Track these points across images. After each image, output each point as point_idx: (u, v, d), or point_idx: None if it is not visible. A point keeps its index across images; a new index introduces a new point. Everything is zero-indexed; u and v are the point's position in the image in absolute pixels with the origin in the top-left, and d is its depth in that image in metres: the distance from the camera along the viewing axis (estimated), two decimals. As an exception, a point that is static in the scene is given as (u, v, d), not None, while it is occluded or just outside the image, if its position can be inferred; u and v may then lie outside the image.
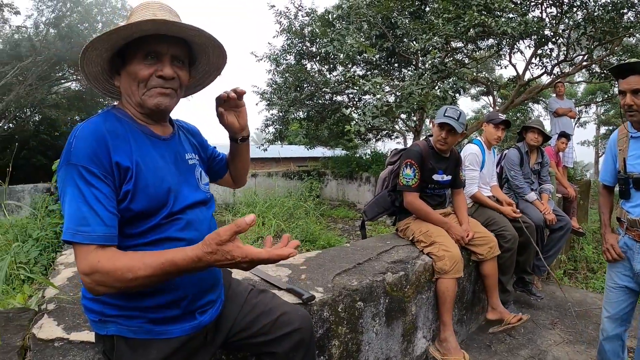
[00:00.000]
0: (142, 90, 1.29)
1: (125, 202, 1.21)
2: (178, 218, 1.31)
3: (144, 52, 1.27)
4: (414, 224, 3.12)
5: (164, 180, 1.30)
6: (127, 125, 1.31)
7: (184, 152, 1.46)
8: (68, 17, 15.20)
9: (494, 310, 3.27)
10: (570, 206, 5.95)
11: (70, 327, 1.60)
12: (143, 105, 1.31)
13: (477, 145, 3.81)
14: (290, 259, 2.56)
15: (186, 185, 1.39)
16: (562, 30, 8.93)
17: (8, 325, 1.64)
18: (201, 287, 1.38)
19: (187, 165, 1.45)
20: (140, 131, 1.33)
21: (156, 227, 1.27)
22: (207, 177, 1.56)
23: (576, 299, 4.21)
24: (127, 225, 1.24)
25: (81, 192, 1.14)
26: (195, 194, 1.41)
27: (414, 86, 7.55)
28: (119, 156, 1.21)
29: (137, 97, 1.30)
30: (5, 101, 14.41)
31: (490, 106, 19.24)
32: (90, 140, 1.18)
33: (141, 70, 1.27)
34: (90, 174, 1.15)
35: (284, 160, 18.68)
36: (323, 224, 8.18)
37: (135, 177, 1.23)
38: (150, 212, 1.26)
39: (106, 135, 1.21)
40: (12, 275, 3.89)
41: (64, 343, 1.49)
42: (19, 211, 7.70)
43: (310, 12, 11.21)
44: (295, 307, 1.65)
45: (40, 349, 1.45)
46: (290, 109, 11.44)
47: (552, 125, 7.84)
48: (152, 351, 1.27)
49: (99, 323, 1.29)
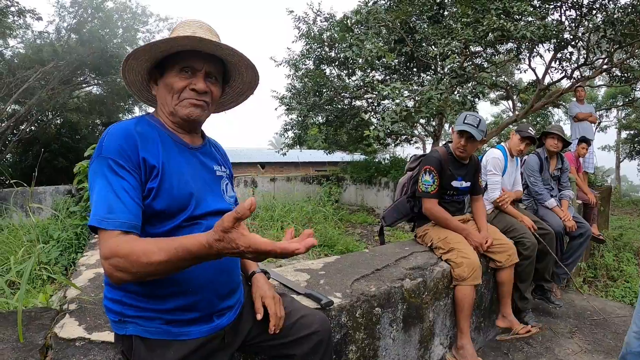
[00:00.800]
0: (176, 100, 1.37)
1: (148, 199, 1.26)
2: (198, 222, 1.34)
3: (180, 66, 1.36)
4: (432, 231, 3.11)
5: (187, 184, 1.34)
6: (158, 131, 1.37)
7: (211, 163, 1.51)
8: (89, 22, 15.45)
9: (504, 318, 3.26)
10: (590, 213, 5.86)
11: (91, 327, 1.63)
12: (175, 114, 1.38)
13: (501, 150, 3.78)
14: (309, 264, 2.59)
15: (210, 194, 1.43)
16: (581, 34, 8.79)
17: (30, 324, 1.66)
18: (220, 292, 1.40)
19: (213, 175, 1.49)
20: (169, 137, 1.39)
21: (177, 230, 1.30)
22: (234, 192, 1.60)
23: (595, 307, 4.14)
24: (148, 225, 1.27)
25: (109, 182, 1.19)
26: (219, 203, 1.44)
27: (433, 91, 7.51)
28: (147, 154, 1.27)
29: (170, 106, 1.38)
30: (27, 104, 14.71)
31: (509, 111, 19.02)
32: (120, 137, 1.25)
33: (176, 82, 1.36)
34: (119, 166, 1.21)
35: (303, 165, 18.74)
36: (341, 229, 8.15)
37: (160, 177, 1.28)
38: (171, 212, 1.29)
39: (136, 135, 1.28)
40: (34, 275, 3.97)
41: (85, 343, 1.51)
42: (41, 212, 7.84)
43: (328, 17, 11.22)
44: (314, 311, 1.67)
45: (61, 348, 1.47)
46: (310, 113, 11.45)
47: (572, 130, 7.74)
48: (170, 352, 1.29)
49: (118, 323, 1.32)
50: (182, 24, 1.43)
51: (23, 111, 14.94)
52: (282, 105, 12.30)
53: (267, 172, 23.76)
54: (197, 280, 1.33)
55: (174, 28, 1.44)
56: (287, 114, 12.51)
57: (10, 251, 4.48)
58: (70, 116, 16.98)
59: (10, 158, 16.86)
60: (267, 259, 1.15)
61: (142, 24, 17.26)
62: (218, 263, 1.38)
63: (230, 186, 1.57)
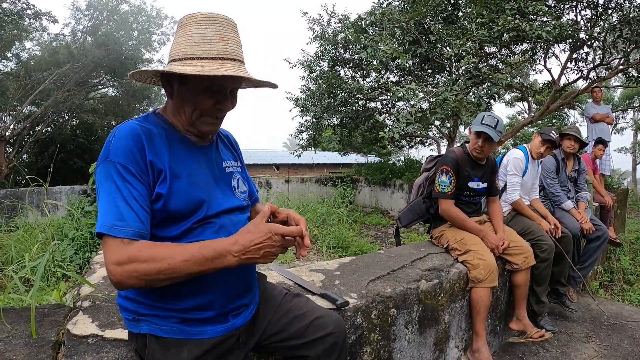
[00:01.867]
0: (197, 116, 1.32)
1: (158, 203, 1.24)
2: (211, 222, 1.33)
3: (207, 85, 1.28)
4: (448, 232, 3.07)
5: (197, 187, 1.32)
6: (166, 131, 1.34)
7: (221, 160, 1.49)
8: (104, 25, 15.70)
9: (518, 321, 3.21)
10: (607, 215, 5.77)
11: (104, 324, 1.63)
12: (194, 126, 1.35)
13: (522, 151, 3.73)
14: (325, 264, 2.57)
15: (221, 193, 1.41)
16: (597, 33, 8.67)
17: (43, 321, 1.66)
18: (235, 292, 1.39)
19: (223, 173, 1.47)
20: (177, 138, 1.36)
21: (189, 231, 1.29)
22: (246, 186, 1.57)
23: (612, 311, 4.06)
24: (160, 228, 1.27)
25: (118, 188, 1.17)
26: (230, 201, 1.42)
27: (448, 92, 7.46)
28: (154, 157, 1.24)
29: (189, 119, 1.34)
30: (44, 106, 14.95)
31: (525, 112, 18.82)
32: (128, 139, 1.22)
33: (204, 102, 1.30)
34: (127, 171, 1.19)
35: (318, 167, 18.78)
36: (356, 231, 8.13)
37: (169, 181, 1.25)
38: (183, 215, 1.28)
39: (143, 137, 1.24)
40: (48, 273, 4.01)
41: (98, 340, 1.51)
42: (56, 211, 7.94)
43: (343, 18, 11.24)
44: (329, 312, 1.64)
45: (74, 345, 1.47)
46: (324, 115, 11.48)
47: (588, 132, 7.64)
48: (184, 351, 1.28)
49: (132, 321, 1.32)
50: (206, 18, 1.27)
51: (39, 112, 15.19)
52: (296, 106, 12.36)
53: (282, 173, 23.87)
54: (213, 279, 1.32)
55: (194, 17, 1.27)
56: (301, 115, 12.57)
57: (25, 249, 4.53)
58: (85, 117, 17.24)
59: (27, 158, 17.15)
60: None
61: (157, 27, 17.47)
62: None
63: (241, 181, 1.54)
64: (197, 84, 1.27)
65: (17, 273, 2.57)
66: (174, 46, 1.29)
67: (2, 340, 1.50)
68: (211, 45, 1.25)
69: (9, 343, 1.48)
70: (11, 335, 1.53)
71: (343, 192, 12.16)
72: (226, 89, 1.32)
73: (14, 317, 1.68)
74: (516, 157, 3.64)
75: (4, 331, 1.56)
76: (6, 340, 1.50)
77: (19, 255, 4.47)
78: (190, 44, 1.25)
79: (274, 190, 11.46)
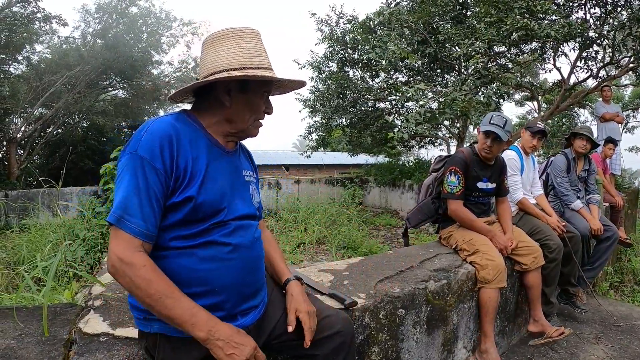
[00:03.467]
0: (252, 121, 1.44)
1: (187, 203, 1.27)
2: (228, 224, 1.36)
3: (262, 90, 1.43)
4: (457, 232, 3.06)
5: (221, 190, 1.35)
6: (197, 132, 1.37)
7: (242, 168, 1.53)
8: (114, 28, 15.81)
9: (535, 322, 3.16)
10: (617, 216, 5.71)
11: (115, 323, 1.64)
12: (246, 132, 1.46)
13: (514, 151, 3.72)
14: (333, 265, 2.58)
15: (240, 199, 1.44)
16: (606, 32, 8.60)
17: (55, 319, 1.69)
18: (245, 293, 1.40)
19: (243, 180, 1.51)
20: (207, 140, 1.39)
21: (205, 232, 1.31)
22: (259, 196, 1.63)
23: (621, 313, 4.03)
24: (179, 227, 1.29)
25: (137, 184, 1.20)
26: (247, 208, 1.46)
27: (457, 92, 7.44)
28: (182, 159, 1.28)
29: (245, 124, 1.44)
30: (54, 108, 15.10)
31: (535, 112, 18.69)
32: (158, 137, 1.25)
33: (260, 106, 1.44)
34: (151, 168, 1.21)
35: (327, 167, 18.79)
36: (365, 231, 8.12)
37: (198, 181, 1.29)
38: (205, 216, 1.31)
39: (174, 137, 1.27)
40: (60, 273, 4.05)
41: (109, 338, 1.53)
42: (67, 212, 8.01)
43: (351, 19, 11.24)
44: (337, 311, 1.66)
45: (85, 343, 1.49)
46: (333, 116, 11.51)
47: (598, 131, 7.56)
48: (193, 350, 1.30)
49: (143, 321, 1.34)
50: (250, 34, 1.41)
51: (50, 114, 15.34)
52: (305, 107, 12.37)
53: (291, 174, 23.90)
54: (222, 280, 1.33)
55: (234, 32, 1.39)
56: (310, 116, 12.59)
57: (37, 249, 4.58)
58: (96, 119, 17.37)
59: (38, 160, 17.32)
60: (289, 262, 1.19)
61: (166, 29, 17.56)
62: (244, 263, 1.39)
63: (257, 191, 1.60)
64: (258, 90, 1.41)
65: (29, 273, 2.61)
66: (226, 56, 1.35)
67: (15, 338, 1.52)
68: (262, 58, 1.39)
69: (21, 341, 1.50)
70: (23, 334, 1.56)
71: (352, 192, 12.13)
72: (269, 94, 1.47)
73: (26, 316, 1.71)
74: (510, 158, 3.61)
75: (17, 329, 1.59)
76: (19, 338, 1.52)
77: (30, 256, 4.52)
78: (248, 56, 1.36)
79: (284, 191, 11.47)
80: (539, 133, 3.67)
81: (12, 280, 3.82)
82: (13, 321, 1.64)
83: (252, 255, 1.44)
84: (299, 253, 6.14)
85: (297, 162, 25.14)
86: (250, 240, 1.43)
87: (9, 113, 14.15)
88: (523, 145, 3.76)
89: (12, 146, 14.41)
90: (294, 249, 6.33)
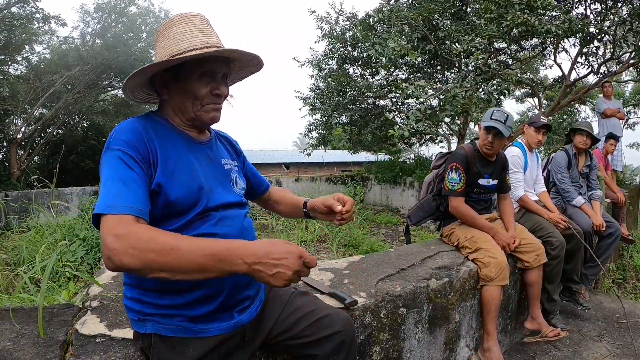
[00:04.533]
0: (197, 107, 1.36)
1: (159, 195, 1.25)
2: (210, 215, 1.34)
3: (200, 72, 1.33)
4: (459, 230, 3.04)
5: (196, 178, 1.33)
6: (164, 127, 1.37)
7: (219, 157, 1.51)
8: (113, 27, 15.80)
9: (533, 320, 3.16)
10: (619, 212, 5.68)
11: (112, 324, 1.63)
12: (197, 119, 1.39)
13: (519, 147, 3.70)
14: (334, 263, 2.56)
15: (220, 187, 1.42)
16: (607, 27, 8.57)
17: (52, 321, 1.68)
18: (237, 281, 1.37)
19: (222, 169, 1.49)
20: (177, 133, 1.39)
21: (189, 224, 1.30)
22: (244, 183, 1.60)
23: (625, 310, 4.01)
24: (161, 223, 1.26)
25: (117, 172, 1.18)
26: (229, 196, 1.44)
27: (458, 89, 7.41)
28: (154, 149, 1.27)
29: (190, 112, 1.37)
30: (54, 108, 15.09)
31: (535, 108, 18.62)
32: (128, 132, 1.25)
33: (199, 89, 1.34)
34: (128, 156, 1.20)
35: (328, 165, 18.79)
36: (366, 229, 8.11)
37: (169, 170, 1.28)
38: (184, 207, 1.29)
39: (143, 131, 1.28)
40: (59, 273, 4.04)
41: (106, 339, 1.52)
42: (67, 212, 8.01)
43: (351, 16, 11.21)
44: (337, 311, 1.64)
45: (82, 344, 1.48)
46: (333, 113, 11.50)
47: (599, 127, 7.53)
48: (189, 350, 1.29)
49: (138, 322, 1.32)
50: (182, 18, 1.36)
51: (50, 115, 15.33)
52: (305, 105, 12.38)
53: (292, 172, 23.94)
54: None
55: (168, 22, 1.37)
56: (310, 114, 12.60)
57: (36, 250, 4.57)
58: (96, 119, 17.37)
59: (38, 160, 17.32)
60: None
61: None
62: None
63: (239, 178, 1.55)
64: (192, 74, 1.32)
65: (27, 273, 2.59)
66: (159, 50, 1.35)
67: (11, 339, 1.50)
68: (193, 38, 1.31)
69: (17, 343, 1.48)
70: (20, 335, 1.54)
71: (353, 190, 12.12)
72: (217, 73, 1.36)
73: (23, 317, 1.69)
74: (514, 155, 3.59)
75: (13, 331, 1.57)
76: (15, 339, 1.50)
77: (30, 256, 4.52)
78: (175, 42, 1.31)
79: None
80: (544, 127, 3.65)
81: (11, 281, 3.81)
82: (9, 322, 1.63)
83: None
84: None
85: (298, 160, 25.16)
86: (239, 229, 1.41)
87: (9, 114, 14.15)
88: (527, 141, 3.74)
89: (12, 147, 14.41)
90: (297, 245, 6.31)
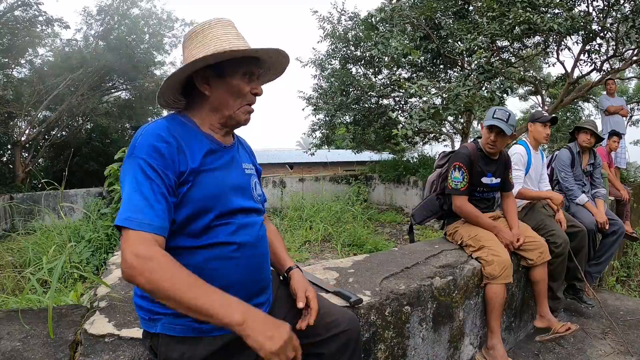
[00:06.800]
0: (238, 105, 1.41)
1: (184, 198, 1.28)
2: (229, 222, 1.35)
3: (243, 71, 1.39)
4: (462, 228, 3.05)
5: (219, 182, 1.36)
6: (190, 130, 1.38)
7: (241, 161, 1.53)
8: (116, 29, 15.83)
9: (542, 317, 3.15)
10: (623, 209, 5.67)
11: (120, 323, 1.65)
12: (234, 118, 1.42)
13: (523, 145, 3.69)
14: (338, 262, 2.57)
15: (240, 192, 1.44)
16: (610, 24, 8.52)
17: (61, 321, 1.69)
18: (251, 290, 1.40)
19: (243, 173, 1.51)
20: (202, 136, 1.40)
21: (209, 230, 1.31)
22: (261, 189, 1.61)
23: (628, 307, 4.00)
24: (183, 227, 1.30)
25: (139, 183, 1.21)
26: (247, 201, 1.46)
27: (461, 87, 7.39)
28: (179, 156, 1.28)
29: (230, 110, 1.41)
30: (58, 110, 15.14)
31: (538, 106, 18.55)
32: (153, 137, 1.26)
33: (243, 87, 1.40)
34: (150, 167, 1.22)
35: (331, 165, 18.73)
36: (370, 228, 8.09)
37: (193, 178, 1.30)
38: (204, 208, 1.31)
39: (169, 136, 1.29)
40: (66, 274, 4.06)
41: (115, 339, 1.53)
42: (72, 214, 8.05)
43: (353, 16, 11.19)
44: (343, 309, 1.65)
45: (91, 344, 1.49)
46: (337, 113, 11.48)
47: (603, 124, 7.52)
48: (197, 349, 1.30)
49: (148, 321, 1.34)
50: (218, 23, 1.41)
51: (54, 117, 15.38)
52: (309, 105, 12.37)
53: (296, 172, 23.90)
54: (229, 278, 1.33)
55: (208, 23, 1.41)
56: (314, 114, 12.59)
57: (42, 251, 4.61)
58: (100, 121, 17.41)
59: (43, 162, 17.37)
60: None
61: (168, 29, 17.56)
62: (249, 261, 1.39)
63: (258, 184, 1.58)
64: (236, 71, 1.38)
65: (35, 275, 2.62)
66: (197, 49, 1.36)
67: (21, 340, 1.52)
68: (234, 42, 1.37)
69: (27, 343, 1.50)
70: (29, 335, 1.56)
71: (357, 189, 12.09)
72: (255, 74, 1.43)
73: (32, 318, 1.71)
74: (517, 153, 3.58)
75: (23, 331, 1.59)
76: (24, 340, 1.52)
77: (36, 258, 4.54)
78: (214, 42, 1.35)
79: (288, 189, 11.45)
80: (550, 121, 3.65)
81: (18, 283, 3.84)
82: (19, 323, 1.65)
83: (258, 253, 1.44)
84: (304, 251, 6.13)
85: (302, 160, 25.15)
86: (255, 238, 1.43)
87: (13, 117, 14.18)
88: (535, 138, 3.72)
89: (17, 149, 14.45)
90: (300, 246, 6.32)
